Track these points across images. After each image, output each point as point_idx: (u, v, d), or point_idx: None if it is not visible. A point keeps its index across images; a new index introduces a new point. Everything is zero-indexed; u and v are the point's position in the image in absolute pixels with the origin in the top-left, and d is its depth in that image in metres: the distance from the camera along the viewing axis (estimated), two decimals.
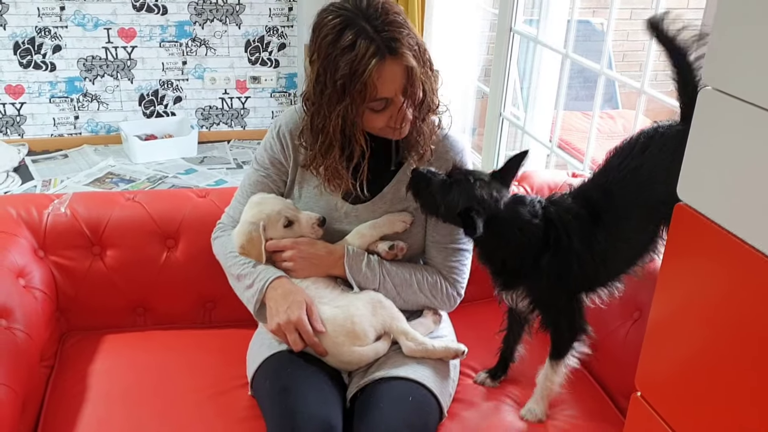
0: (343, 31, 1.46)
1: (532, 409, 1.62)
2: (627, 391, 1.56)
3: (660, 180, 1.46)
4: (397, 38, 1.46)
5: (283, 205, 1.67)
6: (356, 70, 1.44)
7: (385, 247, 1.67)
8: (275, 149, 1.71)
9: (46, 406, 1.64)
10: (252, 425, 1.57)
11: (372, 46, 1.44)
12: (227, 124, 4.82)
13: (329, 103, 1.51)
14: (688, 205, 1.06)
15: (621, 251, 1.54)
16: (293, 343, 1.55)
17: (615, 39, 5.24)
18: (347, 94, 1.47)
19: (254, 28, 4.60)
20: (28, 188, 3.99)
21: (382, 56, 1.45)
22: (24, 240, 1.82)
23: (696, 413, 1.08)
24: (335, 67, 1.46)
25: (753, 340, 0.96)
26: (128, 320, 1.95)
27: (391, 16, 1.48)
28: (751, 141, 0.93)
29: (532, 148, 3.25)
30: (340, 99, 1.49)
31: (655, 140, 1.50)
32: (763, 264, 0.93)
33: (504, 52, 3.15)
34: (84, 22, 4.33)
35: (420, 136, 1.62)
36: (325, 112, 1.53)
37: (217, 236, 1.79)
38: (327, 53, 1.48)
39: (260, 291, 1.60)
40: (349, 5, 1.49)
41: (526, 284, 1.55)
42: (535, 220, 1.50)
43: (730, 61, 0.95)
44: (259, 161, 1.74)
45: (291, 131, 1.69)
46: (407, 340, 1.60)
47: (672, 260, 1.13)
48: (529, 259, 1.51)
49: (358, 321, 1.57)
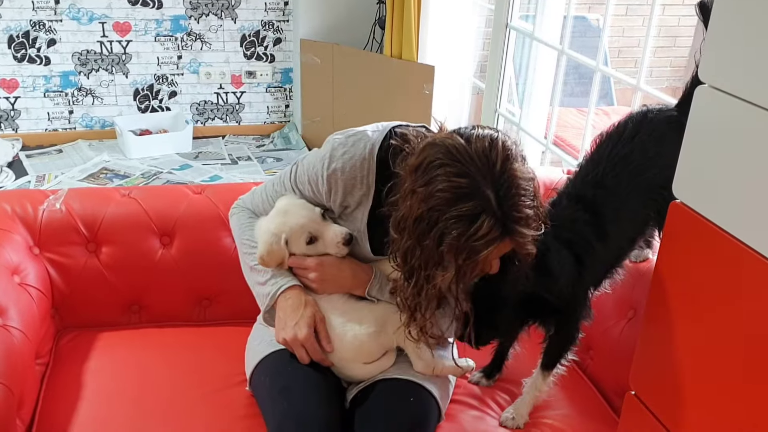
0: (465, 196, 1.24)
1: (513, 415, 1.60)
2: (621, 390, 1.57)
3: (651, 165, 1.47)
4: (520, 220, 1.26)
5: (308, 219, 1.54)
6: (473, 248, 1.25)
7: None
8: (321, 190, 1.53)
9: (42, 403, 1.64)
10: (251, 422, 1.57)
11: (496, 227, 1.24)
12: (222, 119, 4.80)
13: (424, 262, 1.32)
14: (683, 203, 1.07)
15: (623, 238, 1.55)
16: (300, 359, 1.53)
17: (611, 35, 5.25)
18: (450, 261, 1.29)
19: (250, 23, 4.59)
20: (22, 183, 3.97)
21: (502, 236, 1.25)
22: (19, 237, 1.82)
23: (690, 412, 1.09)
24: (444, 230, 1.25)
25: (747, 339, 0.97)
26: (124, 318, 1.95)
27: (518, 189, 1.26)
28: (747, 139, 0.93)
29: (526, 144, 3.25)
30: (439, 261, 1.31)
31: (645, 126, 1.50)
32: (757, 262, 0.93)
33: (500, 48, 3.15)
34: (79, 15, 4.31)
35: None
36: (420, 270, 1.34)
37: (236, 213, 1.68)
38: (438, 207, 1.26)
39: (272, 297, 1.54)
40: (476, 157, 1.25)
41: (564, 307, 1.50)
42: (562, 252, 1.45)
43: (726, 59, 0.95)
44: (299, 186, 1.57)
45: (345, 182, 1.50)
46: (417, 358, 1.57)
47: (667, 258, 1.14)
48: (577, 284, 1.47)
49: (366, 340, 1.53)
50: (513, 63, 3.32)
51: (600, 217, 1.49)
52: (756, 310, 0.95)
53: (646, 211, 1.51)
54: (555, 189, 1.61)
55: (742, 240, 0.95)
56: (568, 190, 1.56)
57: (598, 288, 1.57)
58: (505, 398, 1.70)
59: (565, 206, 1.52)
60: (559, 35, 3.02)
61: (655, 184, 1.47)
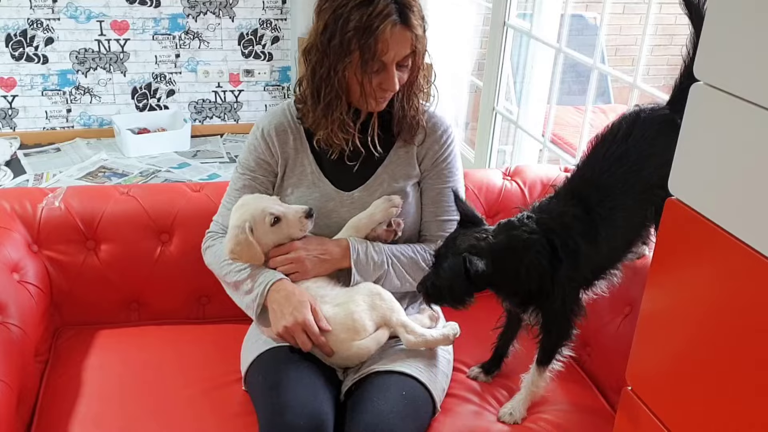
0: None
1: (511, 411, 1.61)
2: (618, 385, 1.58)
3: (646, 165, 1.47)
4: (412, 8, 1.51)
5: (267, 203, 1.64)
6: (371, 25, 1.48)
7: (383, 226, 1.68)
8: (260, 149, 1.71)
9: (41, 400, 1.65)
10: (246, 420, 1.58)
11: (391, 5, 1.49)
12: (220, 117, 4.81)
13: (335, 54, 1.53)
14: (679, 200, 1.07)
15: (618, 239, 1.54)
16: (303, 345, 1.55)
17: (608, 33, 5.25)
18: (355, 48, 1.50)
19: (247, 21, 4.59)
20: (21, 182, 3.97)
21: (397, 20, 1.49)
22: (18, 234, 1.82)
23: (686, 407, 1.09)
24: (348, 19, 1.49)
25: (743, 335, 0.97)
26: (122, 315, 1.95)
27: None
28: (742, 136, 0.94)
29: (524, 142, 3.26)
30: (347, 52, 1.51)
31: (638, 126, 1.51)
32: (753, 259, 0.94)
33: (497, 46, 3.16)
34: (77, 14, 4.32)
35: (411, 111, 1.66)
36: (330, 62, 1.54)
37: (208, 246, 1.77)
38: (341, 3, 1.50)
39: (261, 295, 1.59)
40: None
41: (544, 298, 1.52)
42: (534, 235, 1.47)
43: (721, 56, 0.96)
44: (244, 165, 1.74)
45: (276, 128, 1.70)
46: (407, 333, 1.60)
47: (663, 255, 1.14)
48: (546, 274, 1.48)
49: (358, 317, 1.57)
50: (510, 61, 3.33)
51: (592, 216, 1.50)
52: (752, 306, 0.96)
53: (641, 212, 1.51)
54: (553, 186, 1.61)
55: (738, 236, 0.96)
56: (564, 188, 1.57)
57: (591, 288, 1.57)
58: (504, 394, 1.71)
59: (557, 201, 1.54)
60: (557, 33, 3.03)
61: (651, 184, 1.47)
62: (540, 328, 1.56)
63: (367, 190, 1.70)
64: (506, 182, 2.10)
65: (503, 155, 3.60)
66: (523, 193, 2.08)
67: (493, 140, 3.38)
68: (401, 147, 1.71)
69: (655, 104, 1.54)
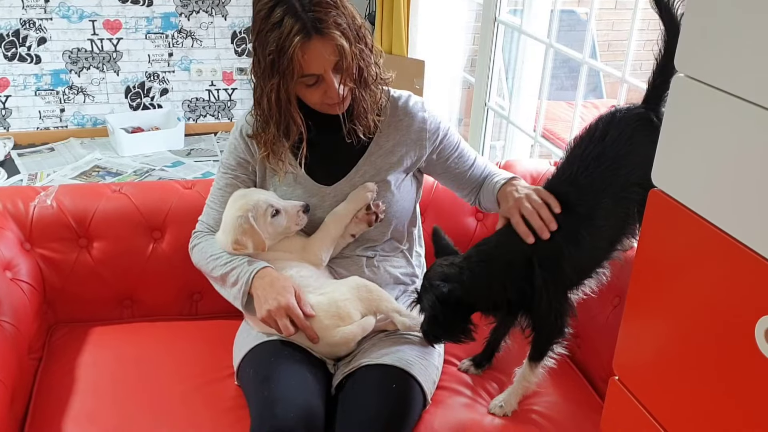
0: (273, 7, 1.50)
1: (502, 403, 1.62)
2: (607, 376, 1.58)
3: (624, 164, 1.48)
4: (323, 18, 1.49)
5: (267, 195, 1.67)
6: (282, 47, 1.49)
7: (363, 211, 1.70)
8: (240, 149, 1.73)
9: (35, 398, 1.65)
10: (238, 414, 1.59)
11: (297, 24, 1.48)
12: (214, 116, 4.81)
13: (263, 77, 1.56)
14: (662, 191, 1.08)
15: (600, 239, 1.55)
16: (284, 328, 1.56)
17: (600, 29, 5.26)
18: (276, 71, 1.52)
19: (240, 20, 4.59)
20: (15, 182, 3.97)
21: (308, 35, 1.48)
22: (10, 233, 1.83)
23: (672, 396, 1.11)
24: (265, 43, 1.51)
25: (727, 325, 0.99)
26: (115, 312, 1.96)
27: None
28: (723, 127, 0.95)
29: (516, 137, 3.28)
30: (271, 75, 1.54)
31: (614, 125, 1.52)
32: (736, 249, 0.95)
33: (489, 42, 3.17)
34: (69, 14, 4.31)
35: (362, 107, 1.64)
36: (261, 85, 1.58)
37: (195, 244, 1.77)
38: (260, 28, 1.53)
39: (246, 283, 1.61)
40: None
41: (528, 306, 1.54)
42: (500, 249, 1.50)
43: (701, 48, 0.97)
44: (226, 164, 1.76)
45: (252, 128, 1.71)
46: (401, 317, 1.63)
47: (647, 246, 1.15)
48: (523, 282, 1.49)
49: (342, 305, 1.59)
50: (502, 57, 3.34)
51: (572, 216, 1.51)
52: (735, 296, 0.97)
53: (623, 210, 1.51)
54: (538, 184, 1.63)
55: (721, 227, 0.97)
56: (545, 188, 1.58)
57: (579, 288, 1.58)
58: (495, 387, 1.72)
59: None
60: (547, 29, 3.04)
61: (630, 182, 1.48)
62: (531, 329, 1.57)
63: (349, 183, 1.71)
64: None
65: (495, 150, 3.62)
66: None
67: (486, 136, 3.39)
68: (381, 137, 1.71)
69: (631, 104, 1.55)
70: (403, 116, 1.72)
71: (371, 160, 1.71)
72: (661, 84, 1.49)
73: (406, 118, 1.72)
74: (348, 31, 1.52)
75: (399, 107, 1.72)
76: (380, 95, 1.68)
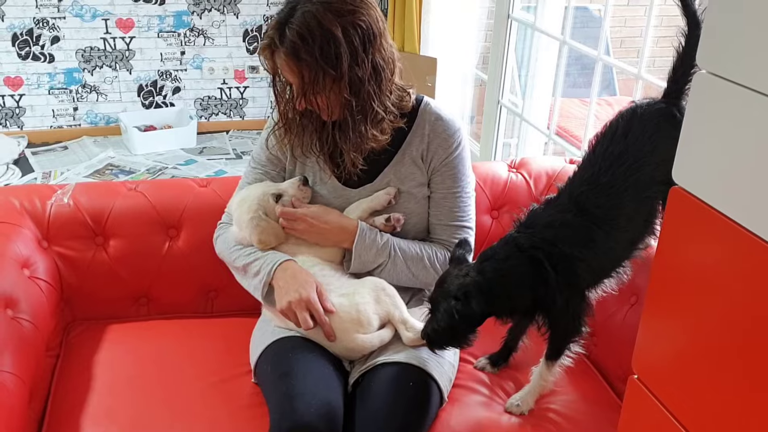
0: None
1: (519, 402, 1.62)
2: (624, 375, 1.58)
3: (647, 161, 1.46)
4: (290, 40, 1.53)
5: (262, 187, 1.71)
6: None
7: (381, 220, 1.70)
8: (271, 144, 1.74)
9: (53, 394, 1.66)
10: (255, 412, 1.59)
11: (270, 31, 1.58)
12: (226, 114, 4.82)
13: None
14: (683, 188, 1.08)
15: (621, 239, 1.53)
16: (303, 321, 1.56)
17: (613, 25, 5.24)
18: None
19: (252, 18, 4.60)
20: (29, 180, 4.00)
21: (272, 46, 1.57)
22: (27, 231, 1.84)
23: (693, 395, 1.10)
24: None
25: (748, 323, 0.98)
26: (132, 310, 1.97)
27: (301, 22, 1.54)
28: (745, 124, 0.94)
29: (529, 135, 3.26)
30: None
31: (635, 122, 1.49)
32: (758, 246, 0.94)
33: (502, 39, 3.16)
34: (82, 12, 4.33)
35: (348, 135, 1.61)
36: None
37: (218, 235, 1.80)
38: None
39: (269, 273, 1.62)
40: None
41: (543, 309, 1.53)
42: (511, 260, 1.47)
43: (724, 45, 0.96)
44: (257, 159, 1.78)
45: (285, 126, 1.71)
46: (406, 330, 1.62)
47: (667, 244, 1.15)
48: (538, 288, 1.48)
49: (362, 309, 1.59)
50: (515, 54, 3.33)
51: (587, 219, 1.48)
52: (757, 294, 0.96)
53: (645, 209, 1.50)
54: (556, 184, 1.61)
55: (743, 224, 0.96)
56: (563, 190, 1.56)
57: (598, 287, 1.56)
58: (512, 386, 1.71)
59: (547, 209, 1.54)
60: (561, 26, 3.03)
61: (654, 180, 1.46)
62: (548, 328, 1.57)
63: (373, 188, 1.71)
64: (512, 174, 2.10)
65: (508, 148, 3.60)
66: (529, 186, 2.08)
67: (499, 133, 3.38)
68: (409, 147, 1.70)
69: (651, 99, 1.54)
70: (432, 136, 1.69)
71: (396, 169, 1.71)
72: (682, 77, 1.48)
73: (436, 139, 1.70)
74: (315, 66, 1.51)
75: (432, 122, 1.70)
76: (384, 117, 1.62)
